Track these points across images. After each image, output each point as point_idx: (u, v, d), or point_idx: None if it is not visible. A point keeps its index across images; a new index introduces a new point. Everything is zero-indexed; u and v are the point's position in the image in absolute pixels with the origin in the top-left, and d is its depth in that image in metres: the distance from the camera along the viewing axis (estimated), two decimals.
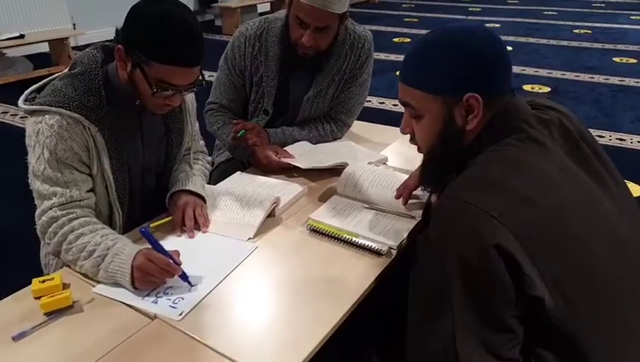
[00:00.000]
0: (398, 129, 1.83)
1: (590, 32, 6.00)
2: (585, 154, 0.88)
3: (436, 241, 0.80)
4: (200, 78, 1.08)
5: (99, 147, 1.07)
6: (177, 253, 1.02)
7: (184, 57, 1.01)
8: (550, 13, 7.20)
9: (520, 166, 0.81)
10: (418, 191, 1.22)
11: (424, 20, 6.85)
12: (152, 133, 1.22)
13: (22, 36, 3.92)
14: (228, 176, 1.47)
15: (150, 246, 1.02)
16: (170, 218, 1.21)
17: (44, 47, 4.55)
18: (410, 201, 1.24)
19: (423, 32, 0.87)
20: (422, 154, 0.96)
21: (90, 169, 1.09)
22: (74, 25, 5.14)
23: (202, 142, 1.45)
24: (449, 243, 0.77)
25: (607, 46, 5.29)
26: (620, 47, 5.25)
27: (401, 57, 4.99)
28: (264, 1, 6.53)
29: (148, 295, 0.99)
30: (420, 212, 1.21)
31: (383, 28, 6.38)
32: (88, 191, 1.10)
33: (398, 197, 1.23)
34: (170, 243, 1.16)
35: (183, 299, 0.98)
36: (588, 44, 5.39)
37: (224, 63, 1.61)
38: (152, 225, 1.18)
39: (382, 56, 4.83)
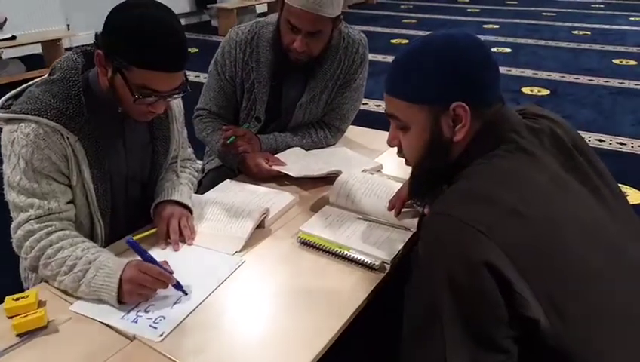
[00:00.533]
0: None
1: (589, 33, 5.96)
2: (578, 164, 0.85)
3: (424, 258, 0.77)
4: (184, 83, 1.03)
5: (78, 157, 1.02)
6: (165, 262, 0.99)
7: (166, 62, 0.96)
8: (549, 14, 7.17)
9: (508, 177, 0.78)
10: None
11: (422, 21, 6.81)
12: (136, 141, 1.17)
13: (14, 37, 3.86)
14: (218, 183, 1.42)
15: (138, 258, 0.98)
16: (154, 230, 1.16)
17: (38, 49, 4.50)
18: (404, 210, 1.19)
19: (421, 33, 0.85)
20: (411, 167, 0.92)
21: (70, 179, 1.04)
22: (68, 26, 5.09)
23: (190, 150, 1.40)
24: (437, 259, 0.74)
25: (606, 47, 5.26)
26: (619, 48, 5.21)
27: None
28: (261, 2, 6.47)
29: (128, 313, 0.94)
30: (416, 222, 1.16)
31: (380, 29, 6.34)
32: (68, 203, 1.05)
33: (390, 208, 1.18)
34: (153, 256, 1.11)
35: (164, 318, 0.93)
36: (587, 46, 5.35)
37: (214, 69, 1.56)
38: (135, 238, 1.12)
39: (379, 57, 4.79)
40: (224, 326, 0.92)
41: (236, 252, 1.12)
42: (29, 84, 1.07)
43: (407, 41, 5.66)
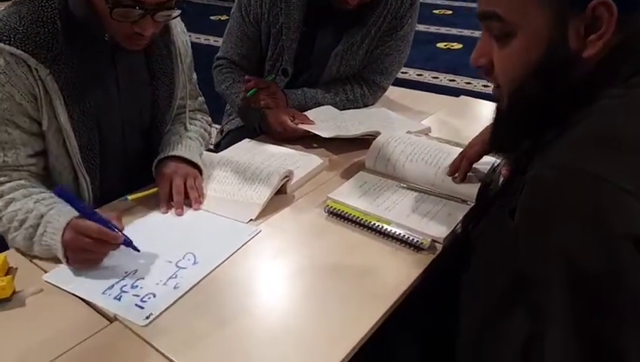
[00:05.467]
0: (442, 97, 1.57)
1: None
2: None
3: (530, 231, 0.53)
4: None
5: (51, 95, 0.83)
6: (116, 216, 0.80)
7: None
8: None
9: None
10: (477, 165, 0.94)
11: None
12: (132, 79, 0.96)
13: None
14: None
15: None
16: (155, 189, 0.97)
17: None
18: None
19: (465, 4, 0.57)
20: (496, 103, 0.66)
21: (41, 124, 0.85)
22: None
23: (201, 99, 1.19)
24: (553, 233, 0.50)
25: None
26: None
27: (441, 29, 4.50)
28: None
29: (111, 287, 0.76)
30: (475, 193, 0.92)
31: None
32: (32, 156, 0.87)
33: (452, 172, 0.94)
34: (151, 221, 0.92)
35: (154, 295, 0.74)
36: None
37: (237, 10, 1.34)
38: (130, 197, 0.95)
39: (421, 27, 4.46)
40: (229, 311, 0.72)
41: (251, 220, 0.92)
42: None
43: (451, 12, 5.28)
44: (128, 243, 0.78)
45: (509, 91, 0.62)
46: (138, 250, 0.79)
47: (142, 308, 0.72)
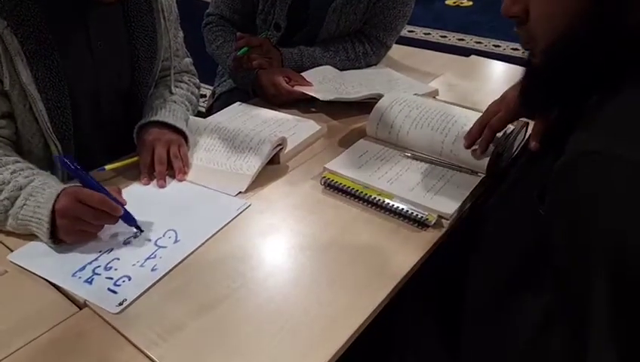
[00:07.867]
0: (451, 57, 1.46)
1: None
2: None
3: (564, 228, 0.46)
4: None
5: (11, 51, 0.74)
6: (118, 190, 0.74)
7: None
8: None
9: None
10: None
11: None
12: (107, 38, 0.86)
13: None
14: None
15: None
16: (135, 158, 0.89)
17: None
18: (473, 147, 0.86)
19: None
20: (527, 59, 0.57)
21: (2, 83, 0.76)
22: None
23: (189, 59, 1.09)
24: (591, 231, 0.43)
25: None
26: None
27: None
28: None
29: (83, 269, 0.68)
30: (485, 163, 0.84)
31: None
32: (0, 118, 0.79)
33: (471, 142, 0.84)
34: (129, 193, 0.84)
35: (129, 278, 0.67)
36: None
37: None
38: (107, 167, 0.86)
39: None
40: (212, 296, 0.65)
41: (240, 193, 0.84)
42: None
43: None
44: (131, 220, 0.73)
45: (545, 45, 0.52)
46: (141, 229, 0.74)
47: (115, 292, 0.65)
